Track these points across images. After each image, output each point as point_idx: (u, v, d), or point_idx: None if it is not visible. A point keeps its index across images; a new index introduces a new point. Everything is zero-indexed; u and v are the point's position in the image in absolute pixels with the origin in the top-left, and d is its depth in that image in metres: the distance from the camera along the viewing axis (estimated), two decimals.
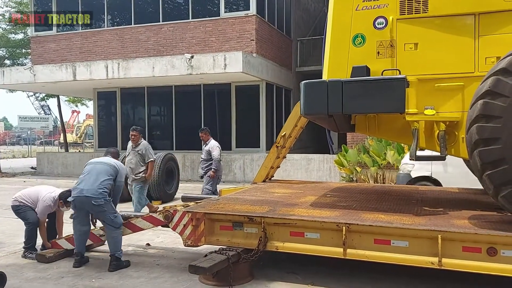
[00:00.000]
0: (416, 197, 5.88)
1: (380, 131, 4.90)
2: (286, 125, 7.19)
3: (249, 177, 13.62)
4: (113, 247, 5.21)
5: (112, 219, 5.22)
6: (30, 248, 5.69)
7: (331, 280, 4.67)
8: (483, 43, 4.30)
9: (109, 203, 5.26)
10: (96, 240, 5.69)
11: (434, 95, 4.45)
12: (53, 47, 17.27)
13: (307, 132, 9.90)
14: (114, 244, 5.22)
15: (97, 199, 5.12)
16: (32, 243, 5.72)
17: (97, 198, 5.12)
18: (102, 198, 5.16)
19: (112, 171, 5.42)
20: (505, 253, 3.76)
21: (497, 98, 3.69)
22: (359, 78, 4.37)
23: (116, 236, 5.26)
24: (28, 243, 5.70)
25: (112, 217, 5.23)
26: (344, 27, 4.69)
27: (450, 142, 4.46)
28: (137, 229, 5.41)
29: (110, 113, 17.55)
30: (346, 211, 4.73)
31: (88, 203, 5.16)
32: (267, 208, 4.94)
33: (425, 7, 4.46)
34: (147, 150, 7.44)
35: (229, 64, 12.94)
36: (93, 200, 5.12)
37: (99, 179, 5.24)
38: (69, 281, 4.78)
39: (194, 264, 4.25)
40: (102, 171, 5.36)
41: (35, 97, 32.42)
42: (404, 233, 4.07)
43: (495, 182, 3.77)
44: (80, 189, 5.20)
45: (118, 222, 5.27)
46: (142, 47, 15.86)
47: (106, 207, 5.19)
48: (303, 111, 4.56)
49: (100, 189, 5.17)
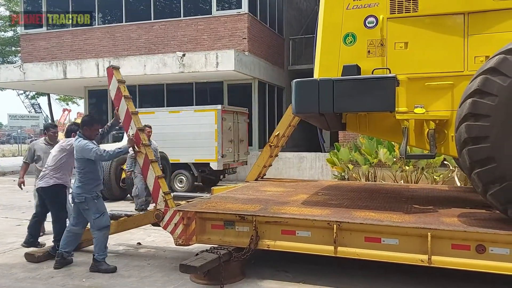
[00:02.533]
0: (406, 195, 5.92)
1: (370, 130, 4.93)
2: (280, 124, 7.22)
3: (241, 176, 13.62)
4: (94, 248, 5.08)
5: (92, 220, 5.04)
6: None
7: (322, 278, 4.69)
8: (472, 42, 4.34)
9: (92, 201, 5.03)
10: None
11: (424, 94, 4.49)
12: (44, 45, 17.12)
13: (299, 130, 9.91)
14: (94, 245, 5.07)
15: (78, 196, 5.03)
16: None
17: (79, 196, 5.03)
18: (83, 195, 5.01)
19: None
20: (494, 251, 3.80)
21: (485, 97, 3.72)
22: (349, 77, 4.40)
23: (96, 237, 5.04)
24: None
25: (93, 217, 5.03)
26: (335, 26, 4.71)
27: (439, 141, 4.50)
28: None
29: (101, 111, 17.43)
30: (337, 209, 4.75)
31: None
32: (258, 206, 4.95)
33: (415, 6, 4.49)
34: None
35: (221, 63, 12.93)
36: (76, 198, 5.06)
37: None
38: (59, 280, 4.74)
39: (185, 263, 4.24)
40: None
41: (25, 96, 32.14)
42: (394, 231, 4.09)
43: (483, 180, 3.80)
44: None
45: (97, 225, 5.02)
46: (133, 45, 15.77)
47: (88, 205, 5.03)
48: (294, 109, 4.57)
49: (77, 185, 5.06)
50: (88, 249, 5.94)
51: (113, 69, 5.18)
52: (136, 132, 5.03)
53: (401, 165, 9.93)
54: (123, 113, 5.13)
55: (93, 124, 5.15)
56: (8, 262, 5.42)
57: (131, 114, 5.06)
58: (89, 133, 5.08)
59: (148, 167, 5.01)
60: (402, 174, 10.03)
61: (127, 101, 5.11)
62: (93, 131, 5.12)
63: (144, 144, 5.02)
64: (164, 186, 5.06)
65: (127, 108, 5.07)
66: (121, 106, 5.12)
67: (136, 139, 5.04)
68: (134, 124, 5.06)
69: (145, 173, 5.06)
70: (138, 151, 5.07)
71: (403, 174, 10.01)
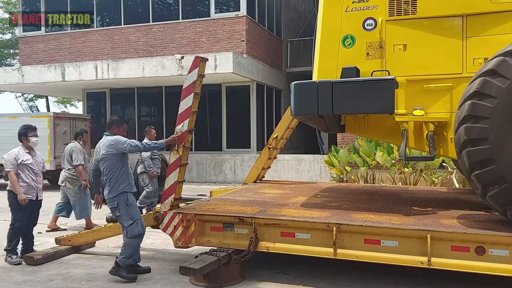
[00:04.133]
0: (405, 197, 5.92)
1: (369, 132, 4.93)
2: (278, 127, 7.23)
3: (239, 178, 13.61)
4: (121, 251, 4.86)
5: (125, 227, 4.80)
6: (12, 251, 5.55)
7: (322, 280, 4.69)
8: (471, 44, 4.35)
9: (127, 207, 4.79)
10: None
11: (423, 96, 4.50)
12: (42, 48, 17.11)
13: (297, 132, 9.93)
14: (124, 248, 4.83)
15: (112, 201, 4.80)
16: (16, 245, 5.59)
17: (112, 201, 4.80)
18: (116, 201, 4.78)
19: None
20: (493, 252, 3.81)
21: (484, 99, 3.73)
22: (348, 79, 4.40)
23: (126, 243, 4.80)
24: (13, 245, 5.57)
25: (125, 224, 4.78)
26: (334, 28, 4.72)
27: (438, 143, 4.50)
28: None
29: (99, 114, 17.41)
30: (336, 211, 4.75)
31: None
32: (257, 208, 4.94)
33: (413, 8, 4.50)
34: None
35: (220, 65, 12.94)
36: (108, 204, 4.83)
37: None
38: (58, 283, 4.73)
39: (184, 266, 4.23)
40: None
41: (24, 98, 32.06)
42: (394, 233, 4.10)
43: (483, 182, 3.81)
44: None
45: (130, 232, 4.77)
46: (132, 47, 15.77)
47: (121, 211, 4.78)
48: (293, 112, 4.58)
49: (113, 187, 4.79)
50: (88, 251, 5.94)
51: (201, 60, 5.02)
52: (184, 132, 4.91)
53: (400, 167, 9.95)
54: (184, 107, 4.96)
55: (122, 123, 5.04)
56: (6, 265, 5.39)
57: (191, 112, 4.92)
58: (117, 132, 4.94)
59: (175, 169, 4.96)
60: (401, 176, 10.04)
61: (195, 98, 4.95)
62: (121, 131, 4.98)
63: (185, 146, 4.95)
64: (179, 192, 5.04)
65: (191, 105, 4.91)
66: (187, 99, 4.95)
67: (181, 138, 4.92)
68: (187, 123, 4.93)
69: (170, 172, 5.00)
70: (175, 150, 4.97)
71: (402, 176, 10.02)
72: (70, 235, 5.86)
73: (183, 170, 5.01)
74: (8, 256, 5.51)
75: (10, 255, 5.51)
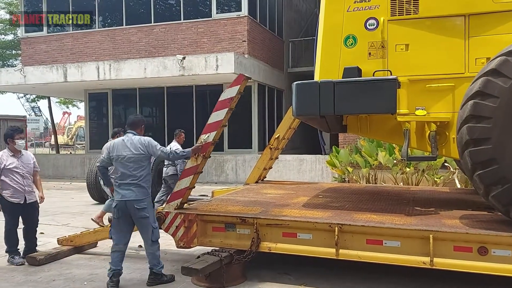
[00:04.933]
0: (407, 197, 5.91)
1: (371, 132, 4.92)
2: (280, 127, 7.23)
3: (241, 178, 13.61)
4: (152, 261, 4.70)
5: (152, 230, 4.65)
6: (13, 252, 5.54)
7: (324, 281, 4.68)
8: (473, 44, 4.34)
9: (151, 207, 4.71)
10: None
11: (425, 96, 4.49)
12: (44, 48, 17.14)
13: (299, 133, 9.91)
14: (153, 257, 4.70)
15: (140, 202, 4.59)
16: (14, 247, 5.55)
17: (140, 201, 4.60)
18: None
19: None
20: (496, 253, 3.80)
21: (487, 98, 3.72)
22: (350, 79, 4.40)
23: (154, 248, 4.69)
24: (10, 246, 5.54)
25: (154, 226, 4.66)
26: (336, 28, 4.71)
27: (441, 143, 4.49)
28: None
29: (101, 114, 17.44)
30: (338, 212, 4.75)
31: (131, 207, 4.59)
32: (259, 209, 4.94)
33: (415, 8, 4.50)
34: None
35: (221, 65, 12.94)
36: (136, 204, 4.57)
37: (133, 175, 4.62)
38: (60, 284, 4.73)
39: (186, 266, 4.23)
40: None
41: (26, 99, 32.13)
42: (396, 233, 4.09)
43: (485, 182, 3.80)
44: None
45: (156, 235, 4.70)
46: (133, 48, 15.79)
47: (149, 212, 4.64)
48: (295, 112, 4.57)
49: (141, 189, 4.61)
50: (90, 251, 5.94)
51: (244, 78, 4.99)
52: (208, 143, 4.90)
53: (402, 167, 9.93)
54: (215, 119, 4.94)
55: (144, 124, 5.00)
56: (8, 266, 5.40)
57: (221, 125, 4.93)
58: (141, 133, 4.84)
59: (189, 175, 4.96)
60: (403, 176, 10.02)
61: (228, 113, 4.94)
62: (143, 132, 4.90)
63: (205, 156, 4.94)
64: (186, 197, 5.06)
65: (223, 119, 4.91)
66: (220, 112, 4.94)
67: (204, 147, 4.90)
68: (213, 135, 4.92)
69: (183, 176, 5.01)
70: (194, 158, 4.95)
71: (404, 176, 10.00)
72: (72, 236, 5.87)
73: (196, 178, 5.02)
74: (10, 257, 5.51)
75: (12, 255, 5.51)
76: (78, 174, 16.31)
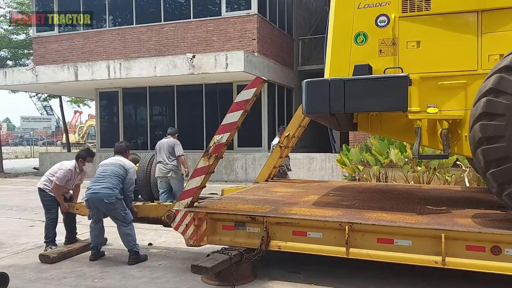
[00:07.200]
0: (419, 195, 5.85)
1: (382, 130, 4.88)
2: (290, 125, 7.20)
3: (251, 177, 13.61)
4: (128, 243, 5.44)
5: (122, 216, 5.41)
6: (51, 242, 5.92)
7: (334, 280, 4.65)
8: (486, 40, 4.27)
9: (120, 201, 5.42)
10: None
11: (436, 93, 4.43)
12: (55, 48, 17.30)
13: (309, 131, 9.87)
14: (128, 240, 5.43)
15: (109, 197, 5.33)
16: (52, 237, 5.96)
17: (109, 197, 5.33)
18: (114, 196, 5.35)
19: (121, 171, 5.59)
20: (509, 252, 3.74)
21: (500, 96, 3.66)
22: (361, 76, 4.35)
23: (129, 232, 5.45)
24: (48, 237, 5.93)
25: (123, 213, 5.42)
26: (346, 25, 4.67)
27: (453, 141, 4.43)
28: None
29: (112, 113, 17.56)
30: (348, 210, 4.71)
31: (100, 201, 5.37)
32: (269, 207, 4.93)
33: (427, 4, 4.44)
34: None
35: (231, 64, 12.93)
36: (105, 198, 5.32)
37: (111, 180, 5.45)
38: (71, 281, 4.77)
39: (196, 264, 4.24)
40: (113, 172, 5.54)
41: (37, 98, 32.45)
42: (407, 232, 4.05)
43: (498, 180, 3.74)
44: (92, 190, 5.43)
45: (128, 219, 5.46)
46: (143, 47, 15.86)
47: (117, 205, 5.38)
48: (305, 110, 4.54)
49: (111, 188, 5.39)
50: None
51: (261, 81, 4.96)
52: (221, 144, 4.93)
53: (413, 165, 9.85)
54: (229, 120, 4.95)
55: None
56: (20, 263, 5.46)
57: (235, 126, 4.94)
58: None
59: (200, 174, 4.99)
60: (414, 175, 9.94)
61: (243, 115, 4.93)
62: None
63: (217, 157, 4.97)
64: (196, 196, 5.10)
65: (237, 120, 4.91)
66: (235, 113, 4.93)
67: (216, 148, 4.95)
68: (226, 136, 4.94)
69: (194, 176, 5.05)
70: (207, 157, 4.99)
71: (415, 174, 9.93)
72: (78, 204, 6.10)
73: (207, 178, 5.04)
74: (48, 247, 5.88)
75: (50, 245, 5.90)
76: (89, 172, 16.41)
